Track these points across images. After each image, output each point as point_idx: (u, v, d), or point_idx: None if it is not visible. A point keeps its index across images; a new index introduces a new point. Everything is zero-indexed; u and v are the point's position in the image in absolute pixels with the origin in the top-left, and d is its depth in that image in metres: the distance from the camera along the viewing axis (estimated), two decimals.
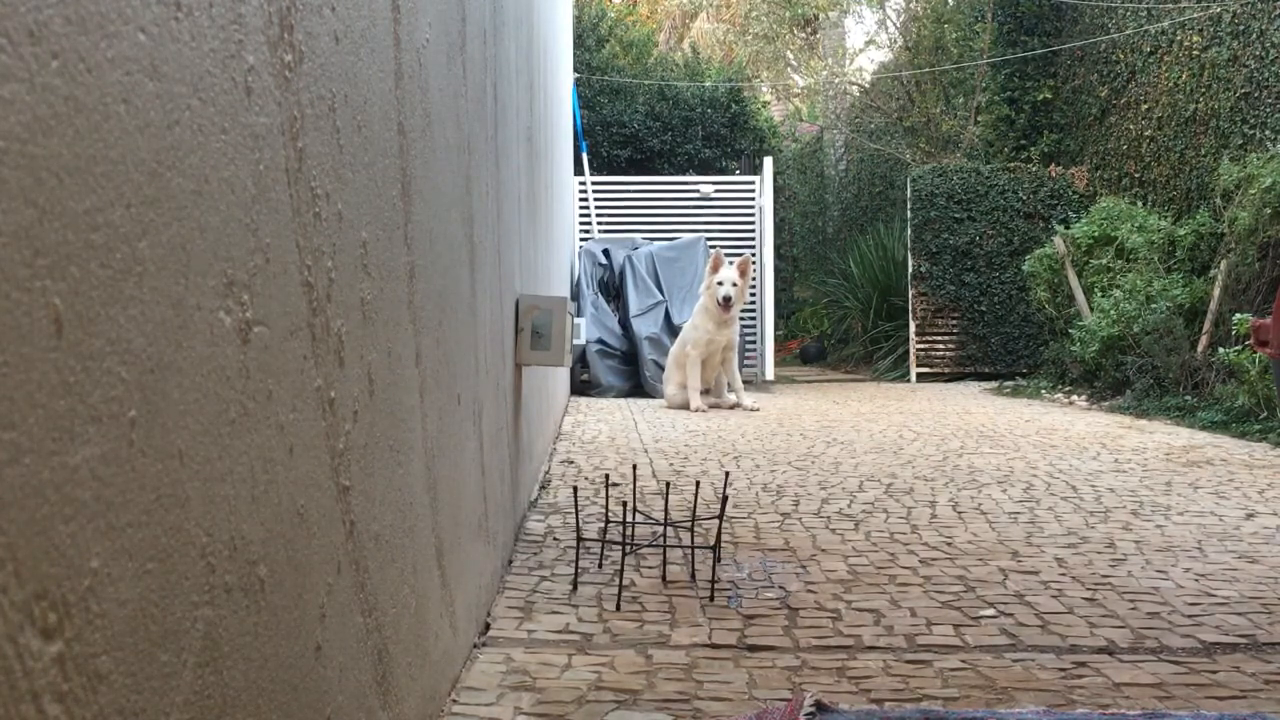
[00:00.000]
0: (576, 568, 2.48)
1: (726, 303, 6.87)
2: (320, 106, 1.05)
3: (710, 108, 12.82)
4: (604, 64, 12.70)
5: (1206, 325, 6.84)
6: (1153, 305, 6.99)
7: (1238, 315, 6.11)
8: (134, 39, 0.67)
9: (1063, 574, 2.57)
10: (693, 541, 2.76)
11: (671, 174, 11.88)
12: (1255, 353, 5.64)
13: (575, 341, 6.11)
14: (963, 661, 1.96)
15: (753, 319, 9.38)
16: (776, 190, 12.82)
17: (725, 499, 2.57)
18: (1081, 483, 3.86)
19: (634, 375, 8.20)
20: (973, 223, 9.52)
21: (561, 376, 6.08)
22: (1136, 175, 8.68)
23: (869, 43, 14.26)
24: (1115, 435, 5.36)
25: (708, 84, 12.97)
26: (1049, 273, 8.31)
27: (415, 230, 1.50)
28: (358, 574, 1.17)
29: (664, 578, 2.51)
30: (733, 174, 12.62)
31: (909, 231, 9.80)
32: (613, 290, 8.74)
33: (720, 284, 6.87)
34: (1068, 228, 8.57)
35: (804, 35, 15.44)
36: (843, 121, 14.59)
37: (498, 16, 2.61)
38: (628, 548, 2.57)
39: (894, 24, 12.88)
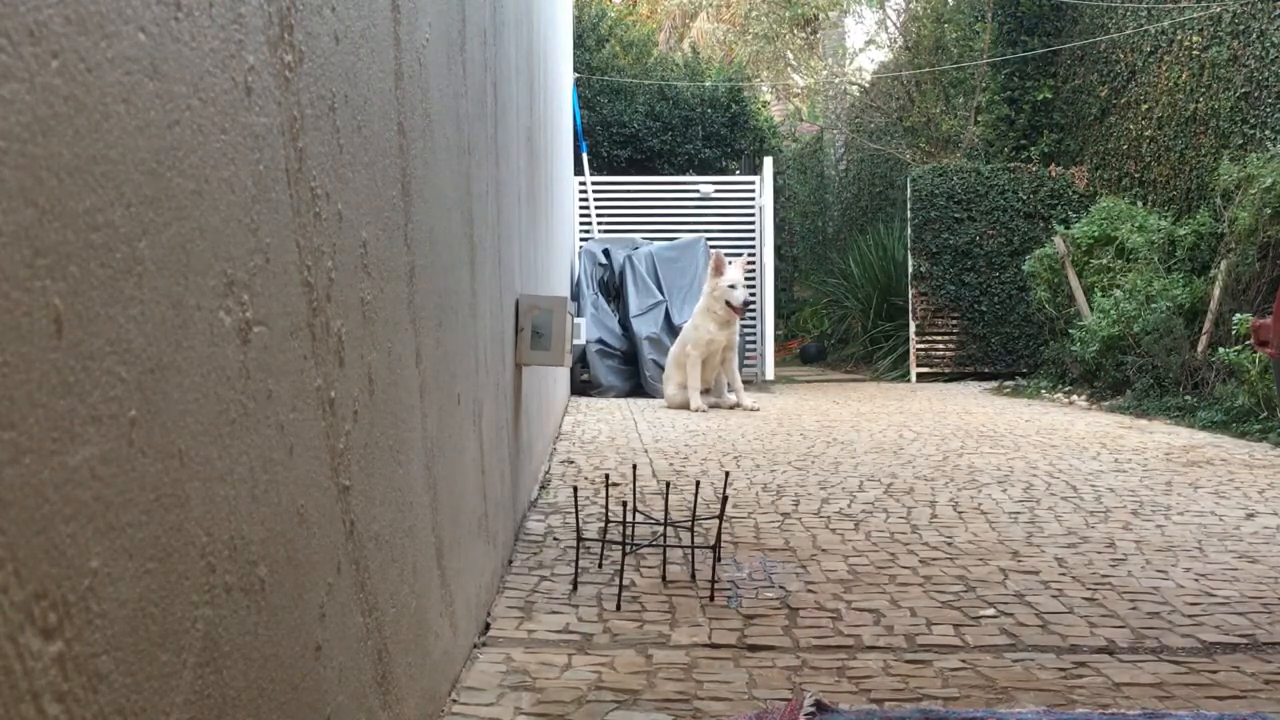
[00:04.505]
0: (576, 568, 2.48)
1: (745, 307, 6.90)
2: (320, 106, 1.05)
3: (710, 108, 12.82)
4: (604, 64, 12.69)
5: (1206, 325, 6.84)
6: (1153, 305, 6.99)
7: (1238, 315, 6.11)
8: (134, 39, 0.67)
9: (1063, 574, 2.57)
10: (693, 541, 2.76)
11: (671, 174, 11.88)
12: (1255, 353, 5.64)
13: (575, 341, 6.11)
14: (963, 661, 1.96)
15: (753, 319, 9.38)
16: (776, 190, 12.82)
17: (725, 499, 2.57)
18: (1081, 483, 3.86)
19: (634, 375, 8.20)
20: (973, 223, 9.52)
21: (561, 376, 6.08)
22: (1136, 175, 8.68)
23: (869, 43, 14.25)
24: (1115, 435, 5.36)
25: (708, 84, 12.97)
26: (1049, 273, 8.31)
27: (415, 230, 1.50)
28: (358, 574, 1.17)
29: (664, 578, 2.51)
30: (733, 174, 12.62)
31: (909, 231, 9.80)
32: (613, 290, 8.74)
33: (733, 288, 6.85)
34: (1068, 228, 8.56)
35: (804, 35, 15.43)
36: (843, 121, 14.59)
37: (498, 16, 2.61)
38: (628, 548, 2.57)
39: (894, 24, 12.88)
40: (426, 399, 1.58)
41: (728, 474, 3.07)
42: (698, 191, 10.24)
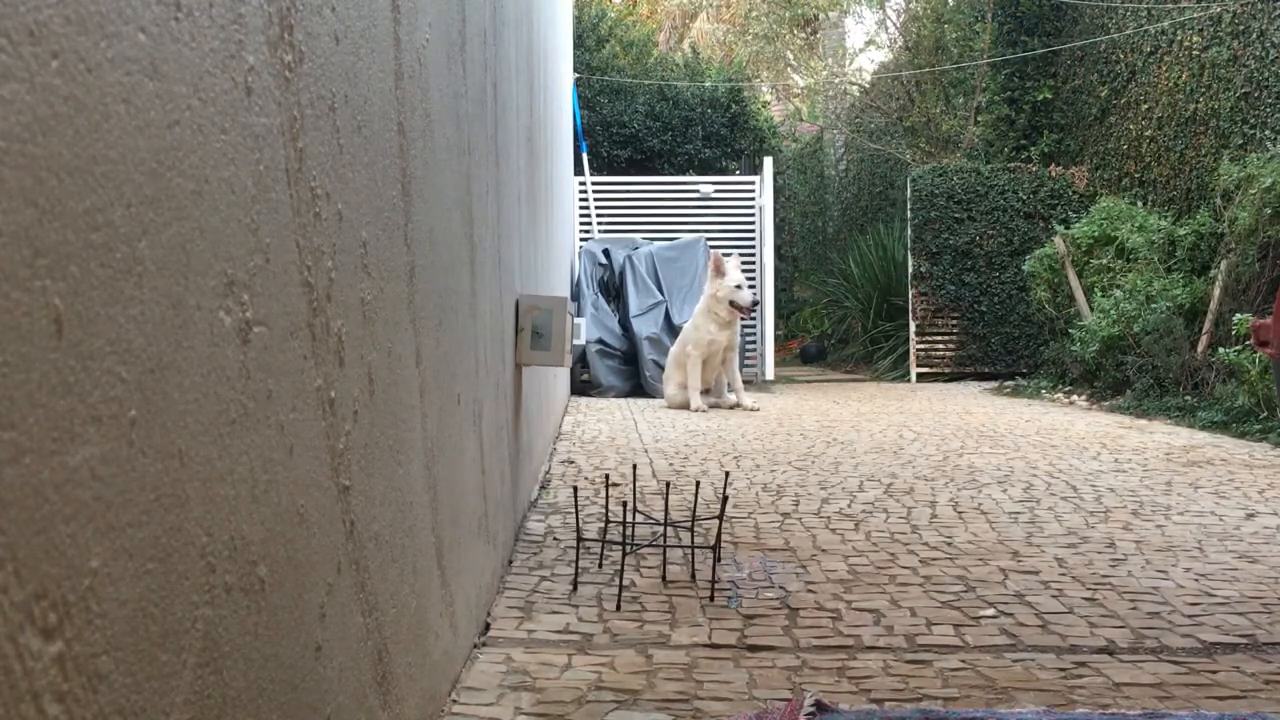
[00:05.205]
0: (576, 568, 2.48)
1: (753, 306, 6.93)
2: (320, 106, 1.05)
3: (710, 108, 12.82)
4: (604, 64, 12.69)
5: (1206, 325, 6.84)
6: (1153, 305, 6.99)
7: (1238, 315, 6.11)
8: (134, 39, 0.67)
9: (1063, 574, 2.57)
10: (693, 541, 2.76)
11: (671, 174, 11.88)
12: (1255, 353, 5.64)
13: (575, 341, 6.11)
14: (963, 661, 1.96)
15: (753, 319, 9.38)
16: (776, 190, 12.82)
17: (725, 499, 2.57)
18: (1081, 483, 3.86)
19: (634, 375, 8.20)
20: (973, 223, 9.52)
21: (561, 376, 6.08)
22: (1136, 175, 8.68)
23: (869, 43, 14.25)
24: (1115, 435, 5.36)
25: (708, 84, 12.97)
26: (1049, 273, 8.31)
27: (415, 230, 1.50)
28: (358, 574, 1.17)
29: (664, 578, 2.51)
30: (733, 174, 12.62)
31: (909, 231, 9.80)
32: (613, 290, 8.74)
33: (739, 288, 6.86)
34: (1068, 228, 8.56)
35: (804, 35, 15.43)
36: (843, 121, 14.59)
37: (498, 16, 2.61)
38: (628, 548, 2.57)
39: (894, 24, 12.88)
40: (426, 399, 1.58)
41: (728, 474, 3.07)
42: (698, 191, 10.24)
